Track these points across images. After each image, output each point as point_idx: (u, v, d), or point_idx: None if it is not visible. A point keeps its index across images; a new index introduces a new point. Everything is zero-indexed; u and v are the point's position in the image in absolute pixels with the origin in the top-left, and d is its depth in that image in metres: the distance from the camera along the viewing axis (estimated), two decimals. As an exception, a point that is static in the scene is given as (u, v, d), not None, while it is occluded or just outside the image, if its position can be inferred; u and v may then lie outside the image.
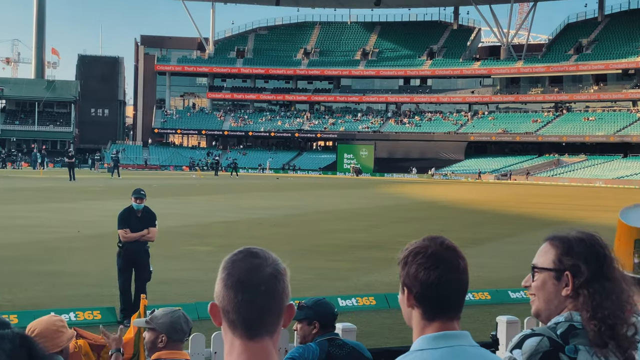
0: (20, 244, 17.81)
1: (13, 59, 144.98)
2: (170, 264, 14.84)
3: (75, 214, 26.50)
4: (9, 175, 60.51)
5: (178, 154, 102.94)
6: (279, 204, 35.01)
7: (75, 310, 10.17)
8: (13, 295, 11.69)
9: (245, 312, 1.90)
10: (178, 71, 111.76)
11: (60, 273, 13.85)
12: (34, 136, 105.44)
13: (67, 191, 40.36)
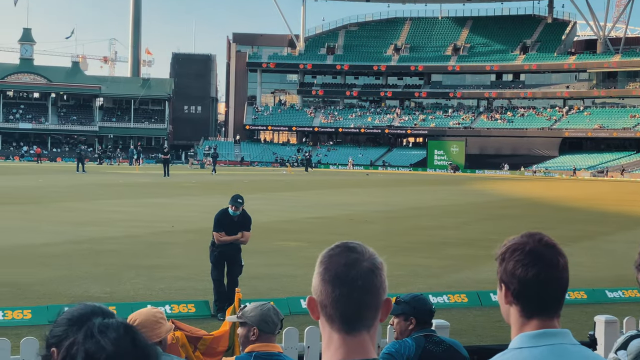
0: (118, 238, 18.32)
1: (110, 57, 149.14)
2: (261, 259, 15.00)
3: (169, 209, 27.09)
4: (106, 172, 62.32)
5: (268, 150, 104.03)
6: (369, 200, 34.99)
7: (171, 303, 10.39)
8: (112, 287, 12.04)
9: (343, 307, 1.89)
10: (269, 68, 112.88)
11: (156, 267, 14.18)
12: (130, 133, 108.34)
13: (162, 187, 41.31)
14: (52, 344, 2.11)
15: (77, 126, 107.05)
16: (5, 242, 16.94)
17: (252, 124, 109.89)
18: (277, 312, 4.41)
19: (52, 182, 42.69)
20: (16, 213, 23.95)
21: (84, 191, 35.87)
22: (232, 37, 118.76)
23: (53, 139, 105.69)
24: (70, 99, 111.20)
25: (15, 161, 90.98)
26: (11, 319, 9.45)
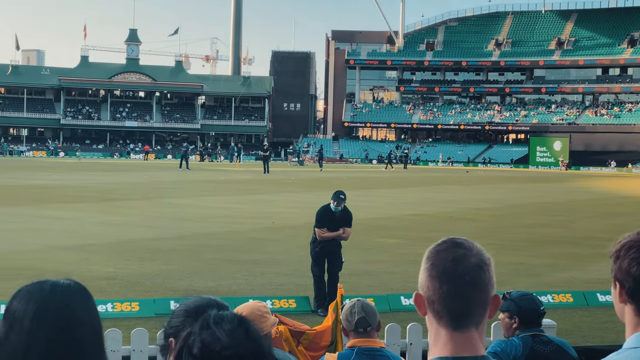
0: (219, 234, 18.68)
1: (212, 56, 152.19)
2: (361, 256, 15.04)
3: (269, 205, 27.44)
4: (208, 169, 63.59)
5: (367, 147, 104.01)
6: (469, 197, 34.57)
7: (272, 298, 10.54)
8: (215, 282, 12.30)
9: (451, 303, 1.89)
10: (368, 65, 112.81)
11: (257, 262, 14.40)
12: (231, 130, 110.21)
13: (262, 183, 41.87)
14: (170, 334, 2.20)
15: (180, 124, 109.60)
16: (114, 237, 17.53)
17: (351, 121, 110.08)
18: (357, 310, 4.42)
19: (157, 179, 43.87)
20: (124, 209, 24.74)
21: (187, 188, 36.71)
22: (331, 35, 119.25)
23: (157, 136, 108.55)
24: (174, 97, 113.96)
25: (127, 158, 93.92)
26: (120, 310, 9.78)
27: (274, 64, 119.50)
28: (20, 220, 20.45)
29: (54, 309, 1.90)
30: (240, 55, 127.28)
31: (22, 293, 1.94)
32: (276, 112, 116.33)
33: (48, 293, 1.92)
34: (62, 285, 1.96)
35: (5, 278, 11.81)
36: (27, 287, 1.95)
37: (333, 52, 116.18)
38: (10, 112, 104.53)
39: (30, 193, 30.55)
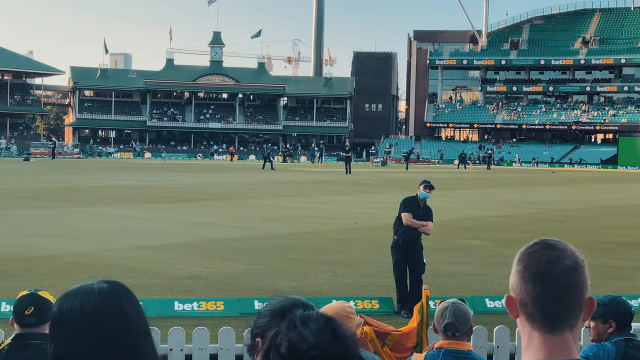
0: (302, 234, 18.78)
1: (294, 58, 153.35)
2: (443, 257, 14.89)
3: (351, 206, 27.46)
4: (290, 169, 64.08)
5: (449, 148, 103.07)
6: (555, 198, 33.87)
7: (355, 299, 10.52)
8: (298, 282, 12.35)
9: (544, 305, 1.85)
10: (450, 65, 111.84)
11: (339, 263, 14.41)
12: (312, 131, 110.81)
13: (344, 184, 41.93)
14: (257, 334, 2.20)
15: (263, 125, 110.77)
16: (198, 237, 17.81)
17: (433, 122, 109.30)
18: (448, 314, 4.38)
19: (240, 180, 44.44)
20: (209, 209, 25.13)
21: (270, 188, 37.06)
22: (412, 35, 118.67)
23: (240, 137, 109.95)
24: (256, 99, 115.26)
25: (211, 159, 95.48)
26: (205, 309, 9.92)
27: (355, 64, 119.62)
28: (108, 220, 20.99)
29: (109, 308, 1.92)
30: (322, 57, 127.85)
31: (72, 293, 1.97)
32: (358, 112, 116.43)
33: (98, 294, 1.95)
34: (110, 285, 1.99)
35: (91, 276, 12.08)
36: (76, 289, 1.98)
37: (415, 52, 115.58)
38: (99, 114, 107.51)
39: (118, 193, 31.34)
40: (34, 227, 18.88)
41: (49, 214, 22.00)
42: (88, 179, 41.07)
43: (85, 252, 14.87)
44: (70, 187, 34.48)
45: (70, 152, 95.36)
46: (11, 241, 16.07)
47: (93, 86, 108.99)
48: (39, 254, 14.47)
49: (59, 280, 11.78)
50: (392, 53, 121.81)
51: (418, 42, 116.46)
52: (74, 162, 74.75)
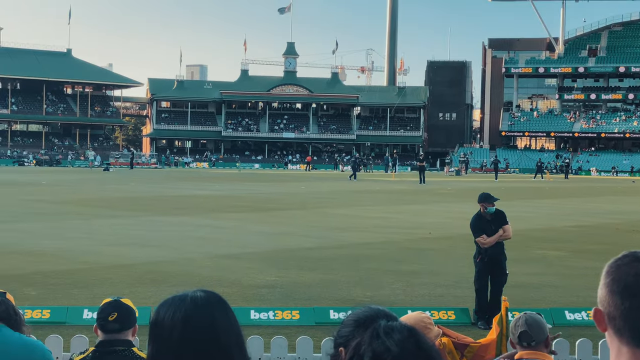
0: (376, 244, 18.74)
1: (367, 67, 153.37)
2: (521, 268, 14.65)
3: (426, 215, 27.28)
4: (363, 179, 63.98)
5: (525, 157, 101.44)
6: (636, 208, 32.99)
7: (431, 309, 10.44)
8: (373, 292, 12.33)
9: (633, 319, 1.81)
10: (526, 73, 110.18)
11: (414, 273, 14.33)
12: (386, 141, 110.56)
13: (418, 193, 41.69)
14: (340, 344, 2.21)
15: (336, 135, 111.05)
16: (273, 246, 17.95)
17: (508, 130, 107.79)
18: (520, 324, 4.33)
19: (314, 189, 44.61)
20: (283, 218, 25.30)
21: (343, 197, 37.09)
22: (487, 43, 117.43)
23: (313, 147, 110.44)
24: (330, 108, 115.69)
25: (285, 168, 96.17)
26: (281, 319, 9.98)
27: (429, 73, 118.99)
28: (185, 229, 21.33)
29: (199, 318, 1.96)
30: (395, 66, 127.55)
31: (167, 304, 2.02)
32: (431, 122, 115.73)
33: (191, 303, 1.98)
34: (204, 295, 2.02)
35: (170, 284, 12.33)
36: (171, 298, 2.02)
37: (490, 60, 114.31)
38: (176, 125, 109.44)
39: (195, 203, 31.83)
40: (114, 236, 19.32)
41: (129, 224, 22.49)
42: (165, 189, 41.84)
43: (163, 261, 15.14)
44: (148, 196, 35.18)
45: (147, 162, 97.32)
46: (93, 250, 16.48)
47: (170, 97, 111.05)
48: (119, 262, 14.80)
49: (139, 288, 12.02)
50: (466, 62, 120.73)
51: (493, 50, 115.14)
52: (151, 172, 76.25)
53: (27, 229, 20.42)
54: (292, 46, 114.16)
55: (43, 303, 10.47)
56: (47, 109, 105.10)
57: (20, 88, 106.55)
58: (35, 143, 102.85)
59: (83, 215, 24.77)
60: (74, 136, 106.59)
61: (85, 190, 39.21)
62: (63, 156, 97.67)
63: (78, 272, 13.54)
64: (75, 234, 19.46)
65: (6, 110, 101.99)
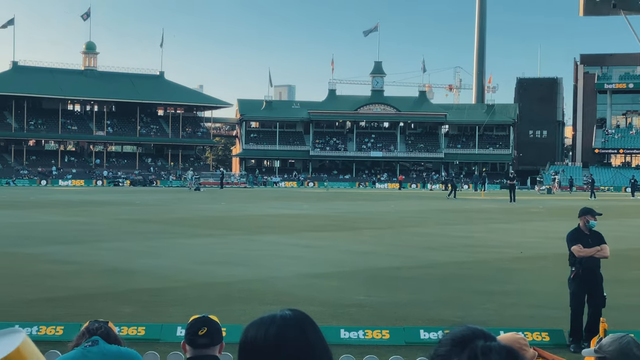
0: (466, 263, 18.51)
1: (455, 85, 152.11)
2: (620, 289, 14.20)
3: (516, 235, 26.80)
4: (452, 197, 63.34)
5: (620, 175, 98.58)
6: None
7: (524, 330, 10.24)
8: (463, 312, 12.17)
9: None
10: (620, 89, 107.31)
11: (505, 293, 14.09)
12: (475, 159, 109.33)
13: (508, 212, 41.02)
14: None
15: (424, 153, 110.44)
16: (362, 265, 17.93)
17: (602, 147, 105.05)
18: (638, 345, 4.13)
19: (402, 208, 44.41)
20: (373, 237, 25.27)
21: (431, 216, 36.80)
22: (579, 59, 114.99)
23: (401, 166, 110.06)
24: (417, 127, 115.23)
25: (373, 187, 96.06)
26: (371, 338, 9.97)
27: (518, 90, 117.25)
28: (275, 248, 21.53)
29: (291, 337, 1.98)
30: (484, 83, 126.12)
31: (256, 324, 2.04)
32: (521, 139, 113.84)
33: (282, 321, 2.00)
34: (293, 314, 2.04)
35: (260, 303, 12.46)
36: (261, 318, 2.04)
37: (582, 76, 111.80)
38: (264, 144, 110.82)
39: (284, 222, 32.10)
40: (206, 255, 19.65)
41: (220, 242, 22.85)
42: (255, 208, 42.35)
43: (254, 279, 15.32)
44: (238, 216, 35.69)
45: (237, 182, 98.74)
46: (186, 268, 16.81)
47: (259, 117, 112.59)
48: (211, 281, 15.05)
49: (231, 306, 12.19)
50: (557, 78, 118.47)
51: (585, 66, 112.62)
52: (241, 191, 77.31)
53: (122, 248, 20.98)
54: (379, 65, 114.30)
55: (138, 320, 10.73)
56: (141, 130, 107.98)
57: (116, 110, 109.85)
58: (129, 164, 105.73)
59: (176, 234, 25.31)
60: (166, 157, 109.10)
61: (178, 210, 40.04)
62: (156, 176, 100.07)
63: (171, 290, 13.83)
64: (168, 253, 19.90)
65: (102, 132, 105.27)
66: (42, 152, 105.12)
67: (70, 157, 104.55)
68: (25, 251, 19.60)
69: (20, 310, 11.51)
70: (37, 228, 26.99)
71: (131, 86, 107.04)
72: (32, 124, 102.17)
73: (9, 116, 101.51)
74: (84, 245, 21.27)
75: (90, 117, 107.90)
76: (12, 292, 13.31)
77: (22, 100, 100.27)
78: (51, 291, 13.45)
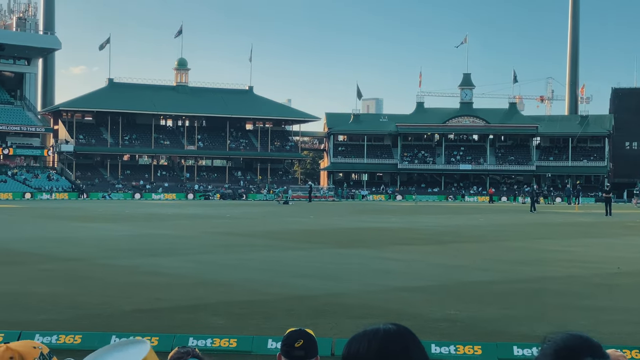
0: (559, 278, 18.04)
1: (547, 96, 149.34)
2: None
3: (613, 249, 26.03)
4: (544, 211, 62.08)
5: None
6: None
7: (622, 348, 9.89)
8: (556, 328, 11.83)
9: None
10: None
11: (602, 309, 13.66)
12: (567, 171, 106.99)
13: (604, 226, 39.92)
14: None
15: (514, 166, 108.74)
16: (452, 279, 17.69)
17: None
18: None
19: (492, 222, 43.75)
20: (462, 251, 24.93)
21: (524, 230, 36.12)
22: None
23: (491, 179, 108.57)
24: (508, 139, 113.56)
25: (462, 200, 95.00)
26: (462, 353, 9.80)
27: (613, 101, 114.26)
28: (365, 261, 21.48)
29: (394, 351, 1.94)
30: (577, 94, 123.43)
31: (359, 337, 2.02)
32: (617, 151, 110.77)
33: (384, 335, 1.97)
34: (396, 328, 2.01)
35: (350, 316, 12.42)
36: (364, 331, 2.02)
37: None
38: (352, 158, 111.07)
39: (372, 235, 32.03)
40: (295, 268, 19.75)
41: (309, 255, 22.94)
42: (343, 221, 42.41)
43: (344, 292, 15.29)
44: (327, 229, 35.79)
45: (325, 195, 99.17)
46: (276, 281, 16.92)
47: (346, 131, 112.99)
48: (301, 294, 15.09)
49: (320, 319, 12.18)
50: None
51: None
52: (329, 204, 77.56)
53: (212, 260, 21.28)
54: (468, 77, 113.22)
55: (229, 332, 10.83)
56: (230, 144, 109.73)
57: (206, 125, 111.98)
58: (219, 177, 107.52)
59: (265, 247, 25.54)
60: (255, 170, 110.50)
61: (267, 223, 40.44)
62: (245, 190, 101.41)
63: (262, 302, 13.93)
64: (258, 265, 20.08)
65: (193, 147, 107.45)
66: (136, 166, 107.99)
67: (162, 171, 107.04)
68: (120, 263, 20.10)
69: (116, 321, 11.78)
70: (132, 241, 27.67)
71: (221, 101, 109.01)
72: (126, 139, 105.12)
73: (105, 132, 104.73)
74: (175, 258, 21.68)
75: (181, 131, 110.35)
76: (109, 303, 13.65)
77: (117, 116, 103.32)
78: (145, 303, 13.73)
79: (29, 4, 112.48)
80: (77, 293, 14.83)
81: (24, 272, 18.18)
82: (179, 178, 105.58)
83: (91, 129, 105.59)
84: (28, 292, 14.75)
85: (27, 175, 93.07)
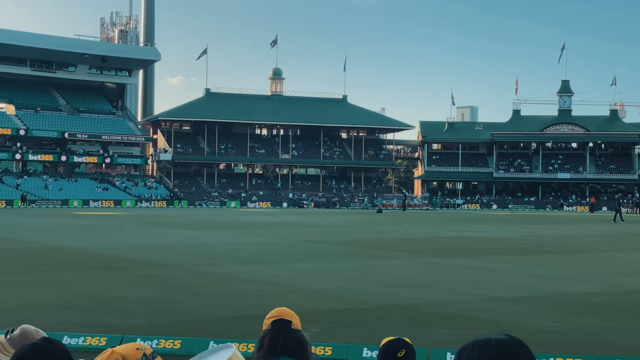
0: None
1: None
2: None
3: None
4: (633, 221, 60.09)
5: None
6: None
7: None
8: None
9: None
10: None
11: None
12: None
13: None
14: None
15: (615, 175, 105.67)
16: (548, 290, 17.28)
17: None
18: None
19: (593, 232, 42.63)
20: (560, 261, 24.36)
21: (625, 240, 35.08)
22: None
23: (591, 188, 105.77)
24: (608, 147, 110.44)
25: (560, 210, 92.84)
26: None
27: None
28: (458, 270, 21.24)
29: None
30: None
31: (469, 346, 2.01)
32: None
33: (496, 346, 1.95)
34: (508, 338, 1.99)
35: (446, 326, 12.29)
36: (475, 341, 2.01)
37: None
38: (447, 166, 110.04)
39: (467, 244, 31.64)
40: (389, 276, 19.68)
41: (403, 264, 22.83)
42: (437, 230, 42.05)
43: (437, 302, 15.15)
44: (420, 238, 35.57)
45: (419, 204, 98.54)
46: (370, 290, 16.89)
47: (440, 139, 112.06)
48: (395, 303, 15.02)
49: (416, 329, 12.09)
50: None
51: None
52: (423, 213, 77.03)
53: (307, 268, 21.42)
54: (566, 84, 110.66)
55: (323, 340, 10.86)
56: (324, 153, 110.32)
57: (300, 134, 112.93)
58: (313, 186, 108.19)
59: (359, 255, 25.55)
60: (349, 179, 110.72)
61: (361, 232, 40.46)
62: (339, 198, 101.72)
63: (355, 311, 13.93)
64: (352, 274, 20.10)
65: (288, 155, 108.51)
66: (232, 175, 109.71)
67: (257, 180, 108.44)
68: (218, 270, 20.44)
69: (213, 327, 11.98)
70: (229, 248, 28.12)
71: (315, 110, 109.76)
72: (222, 148, 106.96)
73: (202, 141, 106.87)
74: (270, 266, 21.91)
75: (276, 140, 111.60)
76: (207, 309, 13.90)
77: (214, 125, 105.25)
78: (241, 309, 13.92)
79: (130, 17, 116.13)
80: (175, 299, 15.17)
81: (124, 277, 18.72)
82: (274, 186, 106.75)
83: (189, 138, 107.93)
84: (128, 297, 15.17)
85: (127, 184, 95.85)
